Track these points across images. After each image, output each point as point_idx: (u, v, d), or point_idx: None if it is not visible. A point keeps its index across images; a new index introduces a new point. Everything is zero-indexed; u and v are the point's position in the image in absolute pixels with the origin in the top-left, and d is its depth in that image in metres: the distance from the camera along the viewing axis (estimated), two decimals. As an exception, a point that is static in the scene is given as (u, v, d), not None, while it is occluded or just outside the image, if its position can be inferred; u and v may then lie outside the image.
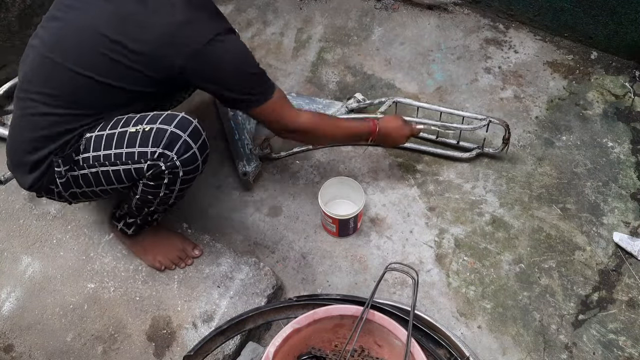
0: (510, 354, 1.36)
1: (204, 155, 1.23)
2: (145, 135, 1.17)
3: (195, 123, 1.20)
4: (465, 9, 2.11)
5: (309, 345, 1.15)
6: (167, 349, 1.35)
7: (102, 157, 1.19)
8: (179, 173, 1.21)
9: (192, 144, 1.19)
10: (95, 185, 1.24)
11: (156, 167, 1.18)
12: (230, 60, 1.20)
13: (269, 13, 2.18)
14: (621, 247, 1.50)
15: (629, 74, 1.88)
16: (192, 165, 1.21)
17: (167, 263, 1.46)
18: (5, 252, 1.54)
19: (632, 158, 1.68)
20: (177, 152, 1.17)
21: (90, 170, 1.22)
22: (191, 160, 1.20)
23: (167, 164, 1.18)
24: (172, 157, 1.17)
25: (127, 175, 1.21)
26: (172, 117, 1.19)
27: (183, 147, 1.17)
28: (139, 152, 1.17)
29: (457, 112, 1.64)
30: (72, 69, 1.17)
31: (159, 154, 1.16)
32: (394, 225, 1.59)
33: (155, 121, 1.18)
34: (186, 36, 1.14)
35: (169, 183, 1.23)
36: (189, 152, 1.19)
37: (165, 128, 1.17)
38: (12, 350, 1.38)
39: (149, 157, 1.17)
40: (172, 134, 1.16)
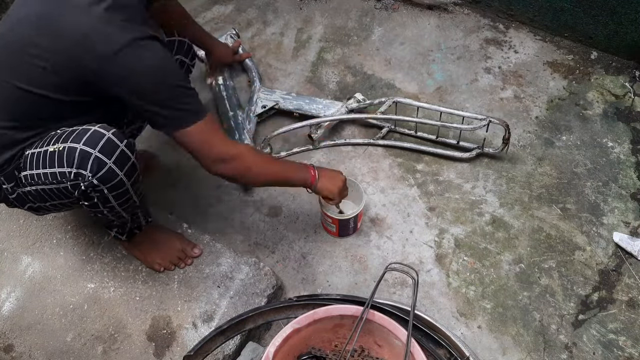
0: (510, 354, 1.36)
1: (125, 168, 1.15)
2: (60, 154, 1.11)
3: (108, 135, 1.12)
4: (465, 9, 2.11)
5: (309, 345, 1.15)
6: (167, 349, 1.35)
7: (35, 175, 1.16)
8: (104, 190, 1.14)
9: (105, 160, 1.11)
10: (42, 201, 1.21)
11: (78, 187, 1.12)
12: (148, 65, 1.09)
13: (269, 13, 2.18)
14: (621, 247, 1.50)
15: (629, 74, 1.88)
16: (114, 181, 1.14)
17: (167, 264, 1.46)
18: (5, 252, 1.54)
19: (632, 158, 1.68)
20: (91, 170, 1.10)
21: (32, 188, 1.19)
22: (110, 175, 1.13)
23: (86, 183, 1.11)
24: (87, 175, 1.10)
25: (62, 193, 1.16)
26: (83, 132, 1.12)
27: (95, 164, 1.10)
28: (59, 173, 1.12)
29: (457, 112, 1.64)
30: (6, 80, 1.13)
31: (75, 173, 1.11)
32: (394, 225, 1.59)
33: (67, 139, 1.12)
34: (100, 38, 1.06)
35: (101, 200, 1.17)
36: (103, 169, 1.11)
37: (74, 146, 1.10)
38: (12, 350, 1.38)
39: (68, 177, 1.12)
40: (82, 152, 1.10)
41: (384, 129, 1.78)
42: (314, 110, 1.79)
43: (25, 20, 1.11)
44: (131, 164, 1.16)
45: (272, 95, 1.84)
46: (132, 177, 1.18)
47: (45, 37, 1.08)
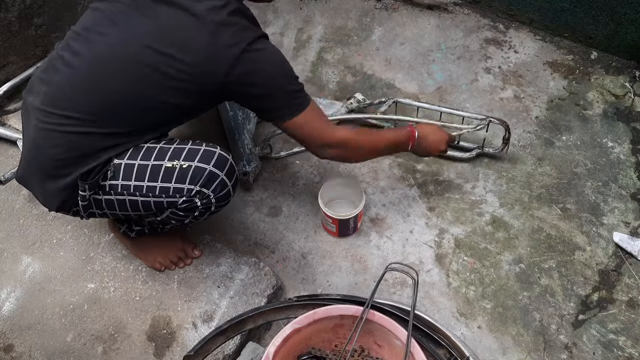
0: (510, 354, 1.36)
1: (235, 191, 1.27)
2: (183, 172, 1.17)
3: (230, 160, 1.22)
4: (465, 9, 2.11)
5: (309, 345, 1.15)
6: (167, 349, 1.35)
7: (133, 187, 1.18)
8: (212, 208, 1.24)
9: (227, 182, 1.21)
10: (118, 209, 1.23)
11: (191, 202, 1.19)
12: (271, 61, 1.19)
13: (269, 13, 2.18)
14: (621, 247, 1.50)
15: (629, 74, 1.88)
16: (225, 201, 1.25)
17: (167, 263, 1.46)
18: (5, 252, 1.54)
19: (632, 158, 1.68)
20: (214, 190, 1.19)
21: (117, 197, 1.20)
22: (225, 196, 1.23)
23: (203, 201, 1.20)
24: (208, 194, 1.19)
25: (157, 206, 1.21)
26: (210, 154, 1.19)
27: (220, 185, 1.20)
28: (175, 188, 1.17)
29: (457, 112, 1.64)
30: (113, 85, 1.14)
31: (196, 191, 1.18)
32: (394, 225, 1.59)
33: (193, 158, 1.18)
34: (225, 42, 1.13)
35: (199, 215, 1.25)
36: (224, 190, 1.22)
37: (204, 167, 1.17)
38: (12, 350, 1.38)
39: (185, 194, 1.18)
40: (210, 173, 1.18)
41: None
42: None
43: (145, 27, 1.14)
44: (236, 188, 1.27)
45: (272, 95, 1.84)
46: (232, 198, 1.27)
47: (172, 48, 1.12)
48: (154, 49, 1.12)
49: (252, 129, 1.76)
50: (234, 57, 1.12)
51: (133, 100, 1.16)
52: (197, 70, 1.13)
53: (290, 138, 1.77)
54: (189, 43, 1.13)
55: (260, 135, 1.79)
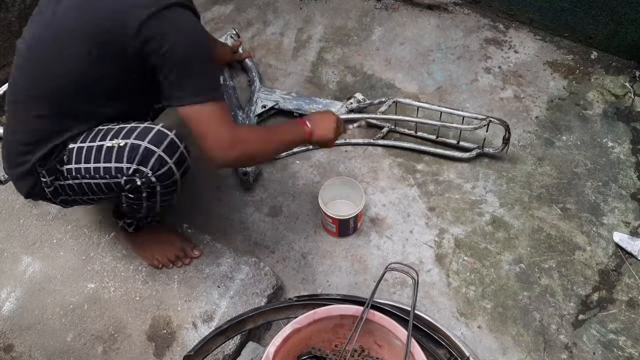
0: (510, 354, 1.36)
1: (182, 169, 1.20)
2: (120, 150, 1.15)
3: (171, 136, 1.17)
4: (465, 9, 2.11)
5: (309, 345, 1.15)
6: (167, 349, 1.35)
7: (83, 169, 1.19)
8: (157, 187, 1.20)
9: (167, 159, 1.16)
10: (81, 194, 1.24)
11: (133, 182, 1.17)
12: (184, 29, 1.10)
13: (269, 13, 2.18)
14: (621, 247, 1.50)
15: (629, 74, 1.88)
16: (169, 180, 1.19)
17: (165, 261, 1.46)
18: (5, 252, 1.54)
19: (632, 158, 1.68)
20: (152, 167, 1.15)
21: (74, 181, 1.21)
22: (168, 175, 1.18)
23: (143, 180, 1.16)
24: (146, 172, 1.15)
25: (108, 188, 1.20)
26: (147, 130, 1.16)
27: (157, 162, 1.15)
28: (115, 168, 1.16)
29: (457, 112, 1.64)
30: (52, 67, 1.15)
31: (134, 169, 1.15)
32: (394, 225, 1.59)
33: (129, 135, 1.15)
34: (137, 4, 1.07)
35: (148, 196, 1.22)
36: (164, 168, 1.16)
37: (138, 143, 1.14)
38: (12, 350, 1.38)
39: (125, 173, 1.15)
40: (146, 150, 1.14)
41: (384, 129, 1.78)
42: (313, 110, 1.79)
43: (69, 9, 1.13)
44: (186, 166, 1.21)
45: (272, 95, 1.84)
46: (183, 177, 1.23)
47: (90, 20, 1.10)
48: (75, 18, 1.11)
49: (252, 129, 1.77)
50: (145, 16, 1.06)
51: (68, 76, 1.15)
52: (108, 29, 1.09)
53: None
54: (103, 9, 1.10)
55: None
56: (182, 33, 1.10)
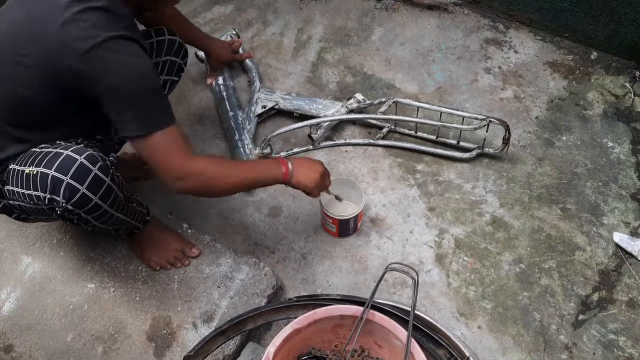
0: (511, 354, 1.36)
1: (100, 193, 1.13)
2: (34, 178, 1.10)
3: (80, 160, 1.09)
4: (465, 9, 2.11)
5: (309, 346, 1.15)
6: (167, 349, 1.35)
7: (16, 193, 1.16)
8: (81, 214, 1.13)
9: (77, 186, 1.09)
10: (28, 214, 1.22)
11: (54, 211, 1.12)
12: (123, 64, 1.07)
13: (269, 13, 2.18)
14: (621, 247, 1.50)
15: (629, 74, 1.88)
16: (88, 205, 1.12)
17: (163, 263, 1.46)
18: (5, 252, 1.54)
19: (632, 158, 1.68)
20: (64, 196, 1.09)
21: (13, 202, 1.19)
22: (84, 201, 1.11)
23: (61, 209, 1.11)
24: (61, 202, 1.09)
25: (43, 212, 1.17)
26: (56, 157, 1.10)
27: (67, 191, 1.09)
28: (35, 196, 1.12)
29: (457, 112, 1.64)
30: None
31: (49, 199, 1.10)
32: (394, 226, 1.59)
33: (41, 163, 1.11)
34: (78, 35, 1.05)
35: (81, 221, 1.16)
36: (76, 195, 1.09)
37: (46, 172, 1.09)
38: (12, 350, 1.38)
39: (43, 202, 1.11)
40: (54, 179, 1.08)
41: (384, 129, 1.78)
42: (314, 111, 1.79)
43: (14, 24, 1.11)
44: (106, 188, 1.13)
45: (272, 96, 1.84)
46: (108, 199, 1.15)
47: (28, 39, 1.08)
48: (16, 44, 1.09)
49: (252, 129, 1.77)
50: (83, 50, 1.04)
51: (4, 96, 1.14)
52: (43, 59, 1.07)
53: (290, 138, 1.79)
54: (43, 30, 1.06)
55: (260, 135, 1.79)
56: (121, 68, 1.07)
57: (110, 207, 1.18)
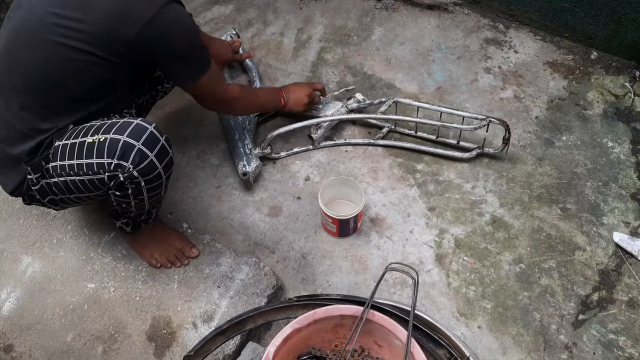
0: (511, 354, 1.36)
1: (164, 162, 1.19)
2: (101, 145, 1.14)
3: (150, 129, 1.16)
4: (465, 9, 2.11)
5: (309, 346, 1.15)
6: (167, 349, 1.35)
7: (67, 167, 1.18)
8: (141, 182, 1.18)
9: (147, 152, 1.15)
10: (68, 192, 1.23)
11: (116, 178, 1.15)
12: (181, 26, 1.21)
13: (269, 13, 2.18)
14: (621, 247, 1.50)
15: (629, 74, 1.88)
16: (152, 174, 1.18)
17: (163, 261, 1.46)
18: (5, 252, 1.54)
19: (632, 158, 1.68)
20: (133, 161, 1.13)
21: (60, 179, 1.21)
22: (150, 169, 1.16)
23: (125, 175, 1.15)
24: (128, 167, 1.14)
25: (93, 185, 1.19)
26: (127, 125, 1.16)
27: (138, 156, 1.14)
28: (97, 164, 1.15)
29: (457, 112, 1.64)
30: (29, 62, 1.16)
31: (115, 165, 1.13)
32: (394, 225, 1.59)
33: (109, 130, 1.15)
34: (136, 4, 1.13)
35: (134, 192, 1.21)
36: (145, 161, 1.15)
37: (118, 138, 1.13)
38: (12, 350, 1.38)
39: (107, 168, 1.14)
40: (125, 144, 1.13)
41: (384, 129, 1.78)
42: (314, 110, 1.79)
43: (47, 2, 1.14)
44: (169, 159, 1.21)
45: (272, 95, 1.84)
46: (168, 171, 1.23)
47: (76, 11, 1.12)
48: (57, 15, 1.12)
49: (252, 129, 1.76)
50: (148, 17, 1.12)
51: (49, 74, 1.16)
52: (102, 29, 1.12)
53: (290, 138, 1.79)
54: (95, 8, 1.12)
55: (260, 135, 1.79)
56: (180, 29, 1.21)
57: (166, 180, 1.25)
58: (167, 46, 1.20)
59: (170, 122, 1.84)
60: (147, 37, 1.14)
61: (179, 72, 1.29)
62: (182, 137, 1.79)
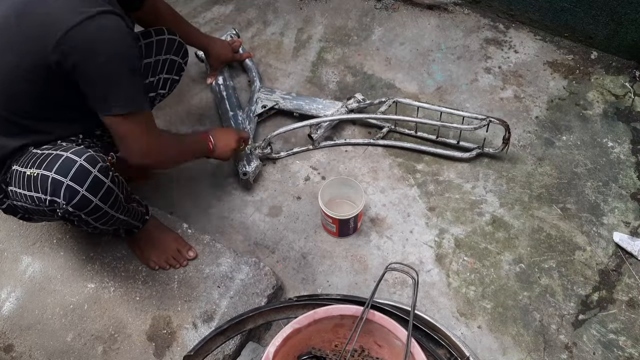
0: (511, 354, 1.36)
1: (100, 194, 1.13)
2: (35, 180, 1.11)
3: (79, 162, 1.10)
4: (465, 9, 2.11)
5: (309, 345, 1.15)
6: (167, 349, 1.35)
7: (18, 194, 1.16)
8: (81, 215, 1.14)
9: (77, 188, 1.10)
10: (32, 214, 1.22)
11: (55, 213, 1.13)
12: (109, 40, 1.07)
13: (269, 13, 2.18)
14: (621, 247, 1.50)
15: (629, 74, 1.88)
16: (89, 207, 1.13)
17: (162, 264, 1.46)
18: (5, 252, 1.54)
19: (632, 158, 1.68)
20: (64, 198, 1.09)
21: (16, 202, 1.20)
22: (84, 203, 1.12)
23: (61, 210, 1.11)
24: (61, 203, 1.10)
25: (44, 213, 1.17)
26: (56, 159, 1.10)
27: (67, 193, 1.09)
28: (36, 197, 1.12)
29: (457, 112, 1.64)
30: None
31: (49, 200, 1.10)
32: (394, 225, 1.59)
33: (41, 165, 1.11)
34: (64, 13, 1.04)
35: (82, 223, 1.18)
36: (77, 197, 1.10)
37: (47, 175, 1.09)
38: (12, 350, 1.38)
39: (44, 203, 1.11)
40: (54, 181, 1.09)
41: (384, 129, 1.78)
42: (314, 110, 1.79)
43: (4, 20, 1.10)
44: (106, 189, 1.14)
45: (272, 95, 1.84)
46: (108, 200, 1.16)
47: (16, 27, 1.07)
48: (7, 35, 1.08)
49: (252, 128, 1.76)
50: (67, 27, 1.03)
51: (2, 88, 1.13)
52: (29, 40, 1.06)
53: (290, 138, 1.79)
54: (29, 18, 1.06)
55: (260, 135, 1.79)
56: (105, 44, 1.07)
57: (110, 209, 1.19)
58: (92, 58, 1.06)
59: (170, 122, 1.85)
60: (70, 45, 1.04)
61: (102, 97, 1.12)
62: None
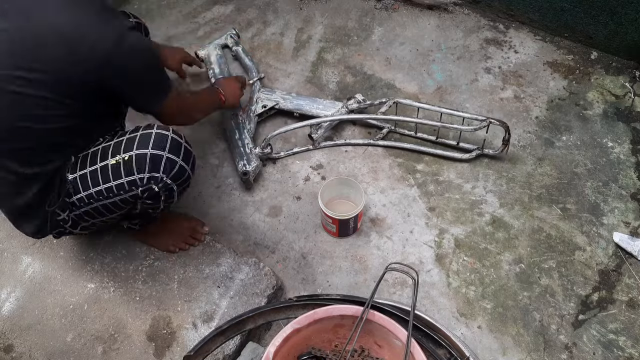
0: (511, 354, 1.36)
1: (190, 162, 1.25)
2: (127, 164, 1.17)
3: (170, 135, 1.21)
4: (465, 9, 2.11)
5: (309, 346, 1.15)
6: (167, 349, 1.35)
7: (95, 193, 1.21)
8: (173, 187, 1.24)
9: (175, 159, 1.20)
10: (100, 216, 1.27)
11: (150, 190, 1.20)
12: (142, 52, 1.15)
13: (269, 13, 2.18)
14: (621, 247, 1.50)
15: (629, 74, 1.88)
16: (183, 176, 1.24)
17: (181, 245, 1.49)
18: (5, 252, 1.54)
19: (632, 158, 1.68)
20: (164, 171, 1.19)
21: (89, 207, 1.23)
22: (180, 173, 1.23)
23: (160, 185, 1.20)
24: (161, 177, 1.19)
25: (125, 202, 1.23)
26: (146, 137, 1.19)
27: (168, 165, 1.19)
28: (129, 182, 1.18)
29: (457, 112, 1.64)
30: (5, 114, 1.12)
31: (147, 178, 1.18)
32: (394, 226, 1.59)
33: (131, 147, 1.18)
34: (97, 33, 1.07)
35: (166, 197, 1.26)
36: (175, 167, 1.21)
37: (144, 152, 1.17)
38: (12, 350, 1.38)
39: (140, 184, 1.18)
40: (153, 156, 1.17)
41: (384, 130, 1.78)
42: (314, 111, 1.79)
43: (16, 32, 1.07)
44: (193, 157, 1.26)
45: (272, 95, 1.84)
46: (194, 168, 1.28)
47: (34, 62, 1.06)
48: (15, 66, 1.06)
49: (252, 128, 1.76)
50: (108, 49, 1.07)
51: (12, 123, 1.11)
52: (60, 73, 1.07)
53: (290, 138, 1.79)
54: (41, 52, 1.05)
55: (260, 135, 1.79)
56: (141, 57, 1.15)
57: (191, 177, 1.29)
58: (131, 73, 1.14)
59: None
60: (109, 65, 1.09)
61: (146, 99, 1.23)
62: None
